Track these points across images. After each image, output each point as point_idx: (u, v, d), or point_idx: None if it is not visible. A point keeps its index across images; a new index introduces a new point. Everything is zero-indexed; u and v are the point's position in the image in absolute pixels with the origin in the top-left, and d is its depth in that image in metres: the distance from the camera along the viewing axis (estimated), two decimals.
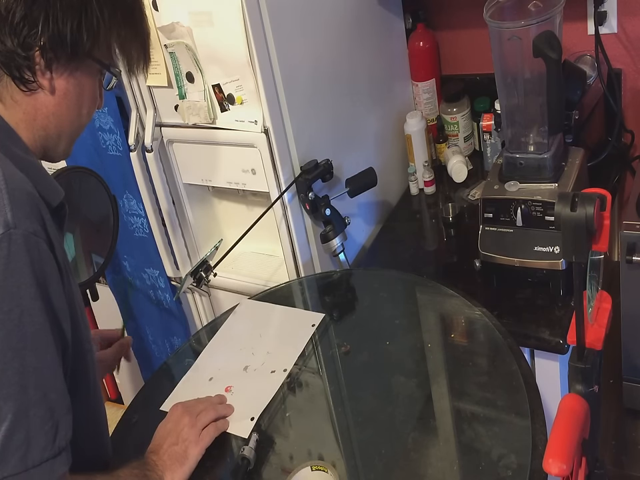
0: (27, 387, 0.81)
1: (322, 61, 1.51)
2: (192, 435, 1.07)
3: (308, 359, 1.25)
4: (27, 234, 0.81)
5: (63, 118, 0.96)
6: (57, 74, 0.92)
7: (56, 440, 0.83)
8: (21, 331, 0.81)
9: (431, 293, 1.38)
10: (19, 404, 0.80)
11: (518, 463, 0.95)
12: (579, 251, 0.88)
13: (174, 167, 1.64)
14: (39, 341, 0.83)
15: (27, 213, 0.83)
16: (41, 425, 0.82)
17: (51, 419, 0.83)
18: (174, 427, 1.08)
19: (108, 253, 1.55)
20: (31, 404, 0.81)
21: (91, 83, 0.98)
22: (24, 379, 0.81)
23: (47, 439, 0.82)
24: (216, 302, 1.79)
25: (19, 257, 0.80)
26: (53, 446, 0.83)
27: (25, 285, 0.81)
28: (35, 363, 0.82)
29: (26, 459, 0.80)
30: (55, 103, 0.94)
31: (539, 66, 1.29)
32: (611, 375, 1.54)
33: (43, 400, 0.82)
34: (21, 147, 0.93)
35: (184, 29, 1.38)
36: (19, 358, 0.81)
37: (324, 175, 1.48)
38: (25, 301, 0.81)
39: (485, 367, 1.15)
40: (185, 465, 1.04)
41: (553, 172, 1.38)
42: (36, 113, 0.94)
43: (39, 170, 0.94)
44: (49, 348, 0.84)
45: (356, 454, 1.08)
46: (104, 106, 1.61)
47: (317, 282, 1.52)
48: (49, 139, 0.97)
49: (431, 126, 1.90)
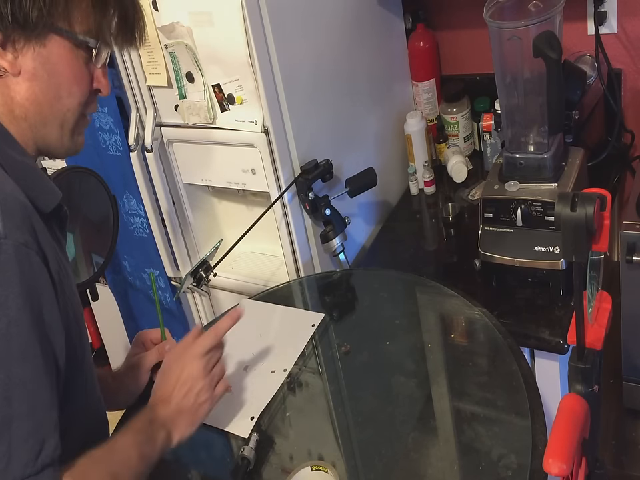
0: (10, 399, 0.78)
1: (322, 61, 1.51)
2: (206, 388, 1.02)
3: (308, 359, 1.25)
4: (18, 244, 0.79)
5: (40, 102, 0.90)
6: (19, 54, 0.86)
7: (40, 456, 0.79)
8: (8, 341, 0.78)
9: (431, 293, 1.38)
10: (2, 416, 0.77)
11: (518, 463, 0.95)
12: (579, 251, 0.88)
13: (174, 167, 1.64)
14: (26, 353, 0.79)
15: (18, 223, 0.80)
16: (25, 440, 0.78)
17: (36, 434, 0.79)
18: (185, 375, 1.01)
19: (108, 253, 1.55)
20: (14, 417, 0.78)
21: (64, 59, 0.90)
22: (8, 390, 0.78)
23: (29, 455, 0.78)
24: (216, 302, 1.79)
25: (8, 267, 0.78)
26: (35, 463, 0.78)
27: (13, 295, 0.78)
28: (21, 375, 0.79)
29: (6, 473, 0.76)
30: (26, 87, 0.88)
31: (539, 66, 1.29)
32: (611, 375, 1.54)
33: (27, 414, 0.79)
34: (17, 149, 0.90)
35: (184, 28, 1.38)
36: (4, 369, 0.78)
37: (324, 175, 1.48)
38: (12, 312, 0.78)
39: (485, 367, 1.15)
40: (194, 424, 1.00)
41: (553, 172, 1.38)
42: (12, 102, 0.88)
43: (35, 172, 0.92)
44: (36, 360, 0.80)
45: (356, 454, 1.08)
46: (104, 106, 1.62)
47: (317, 282, 1.52)
48: (35, 129, 0.91)
49: (431, 126, 1.90)
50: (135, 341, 1.23)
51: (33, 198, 0.87)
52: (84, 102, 0.94)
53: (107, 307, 2.04)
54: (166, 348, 1.19)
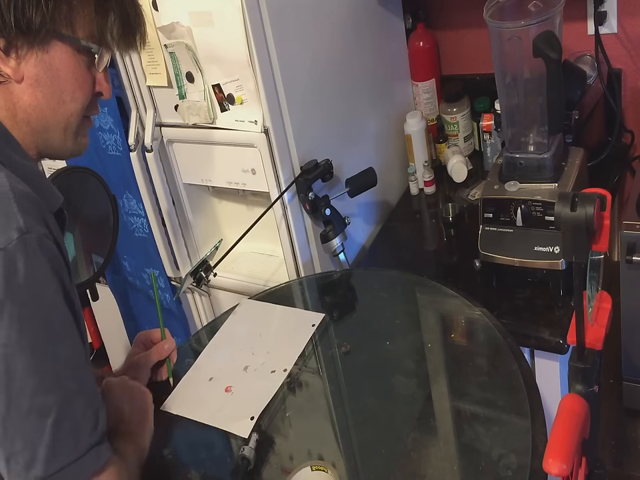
0: (65, 378, 0.84)
1: (322, 61, 1.51)
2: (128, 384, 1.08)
3: (308, 359, 1.25)
4: (40, 236, 0.83)
5: (42, 108, 0.91)
6: (22, 60, 0.87)
7: (98, 426, 0.87)
8: (51, 324, 0.84)
9: (431, 293, 1.37)
10: (61, 395, 0.83)
11: (518, 463, 0.95)
12: (579, 251, 0.89)
13: (174, 167, 1.64)
14: (67, 332, 0.85)
15: (37, 218, 0.85)
16: (84, 413, 0.85)
17: (91, 405, 0.86)
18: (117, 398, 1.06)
19: (108, 253, 1.55)
20: (72, 393, 0.84)
21: (67, 64, 0.90)
22: (60, 370, 0.84)
23: (91, 426, 0.86)
24: (216, 302, 1.79)
25: (37, 257, 0.83)
26: (96, 431, 0.86)
27: (48, 281, 0.83)
28: (67, 353, 0.85)
29: (77, 447, 0.84)
30: (28, 93, 0.89)
31: (539, 66, 1.29)
32: (611, 375, 1.54)
33: (80, 388, 0.86)
34: (20, 153, 0.91)
35: (184, 28, 1.38)
36: (52, 351, 0.83)
37: (324, 175, 1.48)
38: (50, 295, 0.84)
39: (485, 367, 1.15)
40: (147, 416, 1.06)
41: (553, 172, 1.38)
42: (15, 107, 0.89)
43: (38, 176, 0.93)
44: (75, 338, 0.87)
45: (356, 454, 1.08)
46: (104, 106, 1.62)
47: (316, 282, 1.52)
48: (38, 133, 0.92)
49: (431, 126, 1.90)
50: (136, 341, 1.26)
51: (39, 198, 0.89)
52: (86, 105, 0.96)
53: (107, 306, 2.04)
54: (165, 347, 1.22)
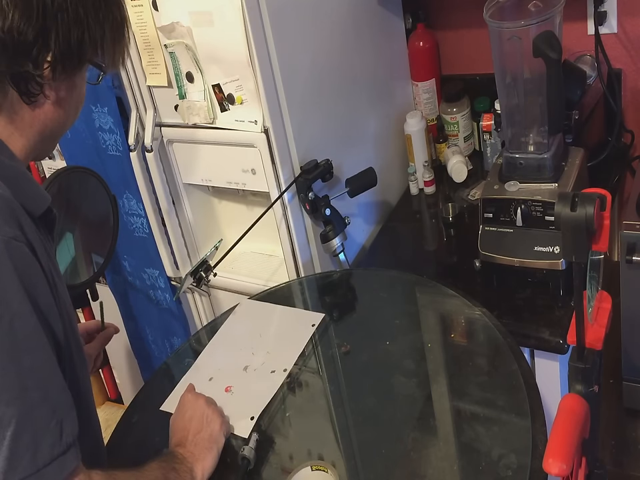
0: (26, 389, 0.81)
1: (322, 61, 1.51)
2: (215, 415, 1.08)
3: (308, 359, 1.25)
4: (7, 239, 0.81)
5: (60, 121, 0.95)
6: (60, 82, 0.91)
7: (62, 437, 0.84)
8: (14, 335, 0.81)
9: (431, 293, 1.37)
10: (22, 407, 0.81)
11: (518, 463, 0.95)
12: (579, 250, 0.89)
13: (174, 166, 1.64)
14: (32, 343, 0.83)
15: (6, 218, 0.82)
16: (46, 424, 0.82)
17: (55, 416, 0.83)
18: (194, 413, 1.08)
19: (108, 252, 1.55)
20: (34, 405, 0.81)
21: (83, 81, 0.97)
22: (23, 381, 0.81)
23: (53, 437, 0.83)
24: (216, 302, 1.79)
25: (2, 262, 0.80)
26: (60, 443, 0.83)
27: (12, 290, 0.81)
28: (31, 364, 0.82)
29: (36, 459, 0.81)
30: (54, 110, 0.93)
31: (539, 66, 1.29)
32: (611, 375, 1.54)
33: (44, 399, 0.83)
34: (6, 154, 0.91)
35: (184, 28, 1.38)
36: (15, 362, 0.81)
37: (324, 175, 1.48)
38: (14, 305, 0.81)
39: (485, 367, 1.15)
40: (213, 449, 1.04)
41: (553, 172, 1.38)
42: (33, 120, 0.92)
43: (24, 177, 0.93)
44: (44, 348, 0.84)
45: (356, 454, 1.08)
46: (104, 106, 1.62)
47: (316, 282, 1.52)
48: (44, 141, 0.96)
49: (431, 126, 1.90)
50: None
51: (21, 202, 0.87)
52: None
53: (107, 306, 2.03)
54: (112, 331, 1.38)
